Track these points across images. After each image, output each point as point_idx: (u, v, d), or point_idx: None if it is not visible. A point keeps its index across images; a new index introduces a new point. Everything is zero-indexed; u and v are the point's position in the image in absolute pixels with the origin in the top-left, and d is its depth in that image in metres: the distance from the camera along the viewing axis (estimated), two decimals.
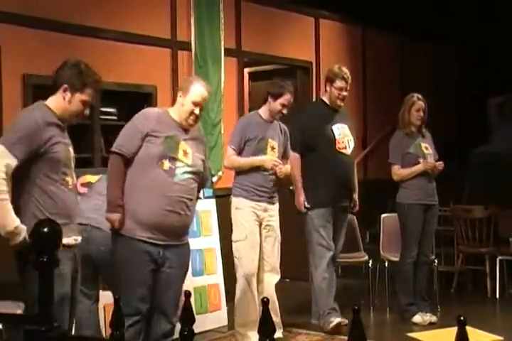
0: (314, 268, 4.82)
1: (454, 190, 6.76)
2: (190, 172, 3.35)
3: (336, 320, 4.60)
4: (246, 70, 6.87)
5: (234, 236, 4.42)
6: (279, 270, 4.49)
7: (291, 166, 4.71)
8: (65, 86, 2.95)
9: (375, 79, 7.49)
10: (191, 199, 3.37)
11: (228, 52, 5.88)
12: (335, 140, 4.78)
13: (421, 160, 5.12)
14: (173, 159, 3.30)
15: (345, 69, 4.90)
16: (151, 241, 3.27)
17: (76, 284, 3.00)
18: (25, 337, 1.39)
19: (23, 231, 2.75)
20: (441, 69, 8.38)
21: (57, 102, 2.97)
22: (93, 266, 3.68)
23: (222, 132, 5.81)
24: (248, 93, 7.14)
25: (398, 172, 5.14)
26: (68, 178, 2.94)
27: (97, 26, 4.89)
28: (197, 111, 3.40)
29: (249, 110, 7.14)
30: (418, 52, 8.20)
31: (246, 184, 4.40)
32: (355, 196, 4.95)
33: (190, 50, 5.56)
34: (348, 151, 4.85)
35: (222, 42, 5.79)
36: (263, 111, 4.53)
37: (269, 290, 4.43)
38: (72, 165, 3.03)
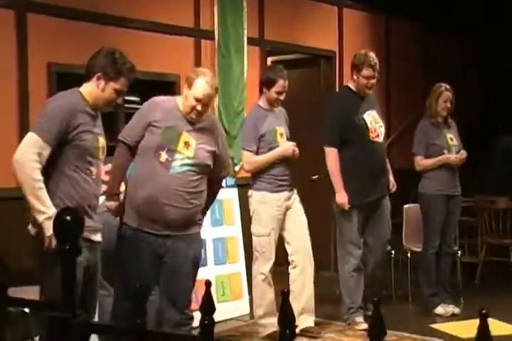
0: (341, 264, 4.75)
1: (478, 181, 6.70)
2: (190, 165, 3.27)
3: (363, 325, 4.54)
4: (269, 59, 6.84)
5: (256, 230, 4.38)
6: (311, 255, 4.44)
7: (329, 161, 4.64)
8: (99, 74, 2.94)
9: (399, 68, 7.42)
10: (192, 192, 3.28)
11: (251, 41, 5.86)
12: (368, 129, 4.64)
13: (445, 152, 5.07)
14: (172, 150, 3.24)
15: (372, 55, 4.70)
16: (150, 230, 3.25)
17: (96, 273, 3.00)
18: (49, 324, 1.41)
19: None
20: (466, 58, 8.27)
21: (91, 90, 2.96)
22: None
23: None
24: None
25: (421, 162, 5.10)
26: (93, 168, 2.94)
27: (122, 15, 4.90)
28: (199, 107, 3.29)
29: None
30: (442, 40, 8.10)
31: (268, 176, 4.34)
32: (391, 177, 4.84)
33: (213, 38, 5.55)
34: (381, 139, 4.72)
35: (245, 31, 5.77)
36: (262, 102, 4.46)
37: (306, 278, 4.42)
38: (101, 155, 3.01)
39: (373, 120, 4.70)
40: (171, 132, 3.26)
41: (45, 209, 2.75)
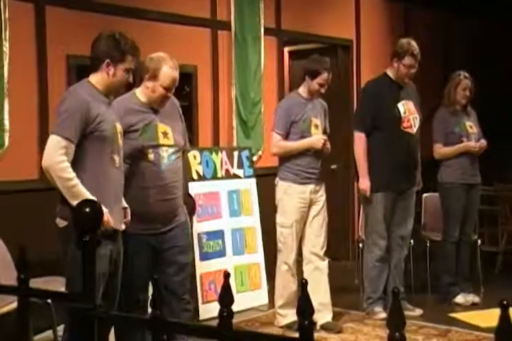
0: (366, 253, 4.75)
1: (498, 169, 6.64)
2: (175, 152, 3.32)
3: (381, 315, 4.54)
4: (286, 49, 6.82)
5: (280, 220, 4.36)
6: (323, 253, 4.42)
7: (356, 146, 4.61)
8: (107, 61, 2.94)
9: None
10: (179, 179, 3.36)
11: (268, 31, 5.84)
12: (400, 119, 4.58)
13: (464, 140, 5.04)
14: (156, 146, 3.25)
15: (415, 45, 4.62)
16: (147, 232, 3.27)
17: (119, 266, 3.03)
18: (69, 314, 1.43)
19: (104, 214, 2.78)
20: (487, 46, 8.18)
21: (102, 78, 2.96)
22: None
23: (263, 111, 5.80)
24: (288, 72, 7.09)
25: (440, 150, 5.06)
26: (115, 156, 2.95)
27: (139, 7, 4.90)
28: (169, 94, 3.30)
29: (290, 89, 7.12)
30: (462, 28, 8.01)
31: (295, 167, 4.30)
32: (419, 175, 4.81)
33: (230, 29, 5.54)
34: (414, 130, 4.64)
35: (262, 22, 5.75)
36: (302, 90, 4.42)
37: (322, 275, 4.39)
38: (120, 141, 3.02)
39: (407, 110, 4.64)
40: (148, 129, 3.26)
41: (72, 186, 2.78)
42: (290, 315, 4.33)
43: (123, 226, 3.05)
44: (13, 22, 4.15)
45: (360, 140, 4.61)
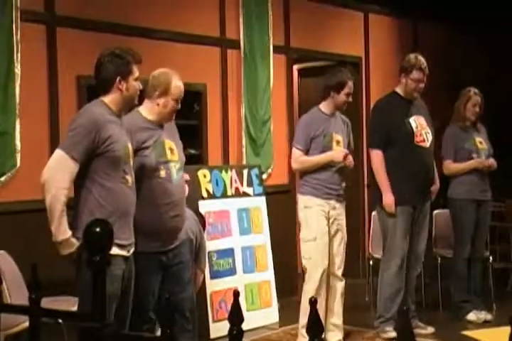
0: (382, 270, 4.68)
1: (509, 185, 6.61)
2: (180, 168, 3.35)
3: (391, 334, 4.47)
4: (295, 67, 6.86)
5: (303, 235, 4.31)
6: (341, 273, 4.38)
7: (374, 164, 4.60)
8: (118, 78, 2.96)
9: (428, 73, 7.37)
10: (184, 197, 3.40)
11: (277, 49, 5.88)
12: (413, 133, 4.57)
13: (474, 156, 5.03)
14: (166, 163, 3.27)
15: (422, 59, 4.65)
16: (159, 249, 3.27)
17: (130, 284, 3.02)
18: (80, 334, 1.43)
19: (72, 245, 2.80)
20: (497, 61, 8.19)
21: (115, 97, 2.98)
22: None
23: (272, 129, 5.82)
24: (297, 90, 7.12)
25: (450, 166, 5.06)
26: (128, 176, 2.95)
27: (148, 26, 4.96)
28: (179, 106, 3.37)
29: (299, 107, 7.15)
30: (472, 43, 8.03)
31: (315, 181, 4.27)
32: (434, 187, 4.76)
33: (239, 48, 5.59)
34: (427, 144, 4.63)
35: (271, 40, 5.80)
36: (324, 106, 4.40)
37: (336, 295, 4.35)
38: (131, 161, 3.03)
39: (419, 125, 4.64)
40: (158, 145, 3.28)
41: (55, 234, 2.81)
42: None
43: (131, 250, 3.03)
44: (25, 43, 4.21)
45: (377, 157, 4.60)
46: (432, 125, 4.77)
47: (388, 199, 4.54)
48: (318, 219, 4.23)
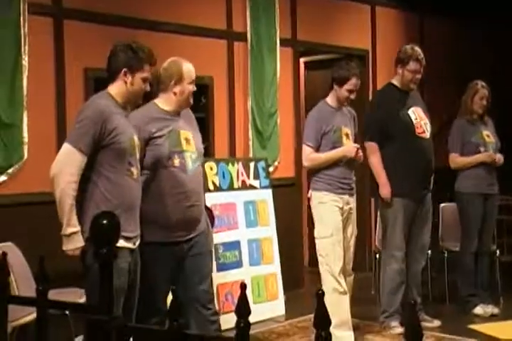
0: (383, 265, 4.69)
1: None
2: (197, 158, 3.32)
3: (398, 330, 4.46)
4: (301, 60, 6.84)
5: (318, 233, 4.21)
6: (350, 267, 4.32)
7: (370, 156, 4.58)
8: (124, 69, 2.96)
9: (434, 66, 7.34)
10: (201, 187, 3.37)
11: (283, 42, 5.87)
12: (413, 125, 4.55)
13: (482, 149, 5.01)
14: (180, 152, 3.25)
15: (418, 50, 4.61)
16: (172, 240, 3.24)
17: (136, 277, 3.02)
18: (87, 326, 1.44)
19: (77, 241, 2.81)
20: (504, 54, 8.14)
21: (120, 88, 2.98)
22: None
23: (278, 122, 5.82)
24: (304, 83, 7.11)
25: (456, 160, 5.04)
26: (133, 169, 2.95)
27: (155, 19, 4.95)
28: (194, 87, 3.36)
29: (306, 100, 7.13)
30: (478, 37, 7.98)
31: (328, 177, 4.21)
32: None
33: (246, 40, 5.57)
34: (427, 135, 4.61)
35: (278, 32, 5.78)
36: (331, 99, 4.34)
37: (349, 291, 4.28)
38: (137, 153, 3.03)
39: (418, 116, 4.62)
40: (172, 135, 3.26)
41: (65, 226, 2.82)
42: (346, 339, 4.12)
43: (138, 240, 3.04)
44: (32, 36, 4.21)
45: (372, 149, 4.59)
46: (429, 116, 4.76)
47: (385, 190, 4.52)
48: (334, 214, 4.17)
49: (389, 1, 7.02)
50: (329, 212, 4.18)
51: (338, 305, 4.06)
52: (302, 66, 7.02)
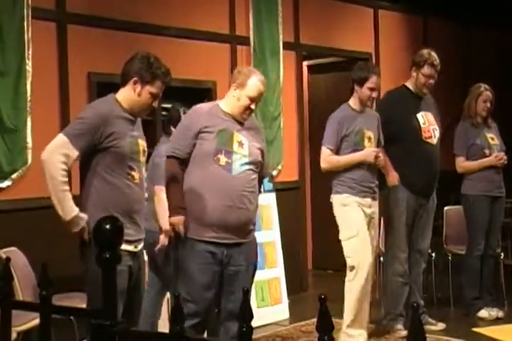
0: (386, 267, 4.67)
1: None
2: (248, 163, 3.26)
3: (402, 333, 4.45)
4: (305, 63, 6.85)
5: (343, 235, 4.14)
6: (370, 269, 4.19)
7: None
8: (135, 78, 2.94)
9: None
10: (253, 192, 3.28)
11: (286, 45, 5.87)
12: (420, 129, 4.54)
13: (487, 152, 5.00)
14: (229, 152, 3.23)
15: (435, 55, 4.60)
16: (215, 240, 3.19)
17: (140, 281, 3.01)
18: (91, 331, 1.44)
19: (82, 220, 2.81)
20: (507, 57, 8.14)
21: (127, 95, 2.97)
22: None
23: (282, 126, 5.82)
24: (307, 86, 7.12)
25: (463, 164, 5.03)
26: (134, 173, 2.93)
27: (158, 24, 4.97)
28: (253, 106, 3.31)
29: (309, 103, 7.14)
30: (482, 39, 7.98)
31: (349, 181, 4.16)
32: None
33: (249, 44, 5.58)
34: (434, 141, 4.59)
35: (281, 36, 5.79)
36: (353, 102, 4.29)
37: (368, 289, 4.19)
38: (141, 158, 3.01)
39: (427, 121, 4.60)
40: (224, 134, 3.25)
41: (63, 214, 2.81)
42: (360, 337, 4.12)
43: (141, 245, 3.03)
44: (36, 41, 4.23)
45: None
46: (440, 124, 4.74)
47: (391, 176, 4.47)
48: (358, 215, 4.12)
49: (392, 4, 7.02)
50: (353, 213, 4.13)
51: (361, 305, 4.10)
52: (305, 69, 7.03)
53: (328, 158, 4.20)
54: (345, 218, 4.15)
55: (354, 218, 4.13)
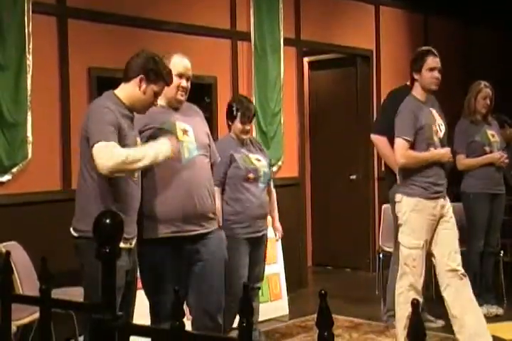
0: (393, 264, 4.59)
1: None
2: (197, 149, 3.21)
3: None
4: (305, 59, 6.84)
5: (407, 242, 3.87)
6: (463, 270, 3.95)
7: (378, 149, 4.55)
8: (142, 76, 2.94)
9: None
10: (208, 179, 3.23)
11: (287, 41, 5.87)
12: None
13: (487, 149, 5.00)
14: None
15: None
16: (176, 234, 3.12)
17: (134, 277, 3.02)
18: (91, 325, 1.44)
19: (166, 146, 2.92)
20: (508, 55, 8.13)
21: (132, 91, 2.95)
22: None
23: (282, 122, 5.81)
24: (308, 82, 7.11)
25: (463, 161, 5.02)
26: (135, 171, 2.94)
27: (159, 19, 4.96)
28: (184, 83, 3.25)
29: (309, 99, 7.14)
30: (482, 38, 7.97)
31: (424, 180, 3.86)
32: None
33: (250, 40, 5.57)
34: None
35: (282, 32, 5.78)
36: (416, 92, 4.00)
37: (463, 298, 3.90)
38: None
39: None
40: (166, 127, 3.19)
41: (161, 156, 2.89)
42: None
43: (133, 243, 3.01)
44: (36, 35, 4.22)
45: (381, 141, 4.55)
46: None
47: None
48: (428, 225, 3.85)
49: (393, 0, 7.01)
50: (423, 221, 3.84)
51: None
52: (306, 66, 7.02)
53: (406, 153, 3.86)
54: (413, 225, 3.86)
55: (424, 230, 3.84)
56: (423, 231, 3.84)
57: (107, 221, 1.43)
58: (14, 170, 4.14)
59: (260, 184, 4.09)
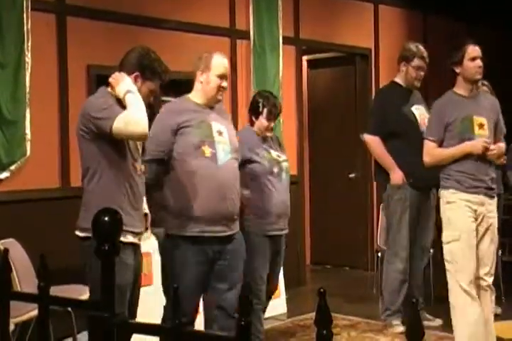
0: (387, 263, 4.65)
1: None
2: (230, 152, 3.24)
3: (399, 328, 4.45)
4: (304, 58, 6.84)
5: (445, 237, 3.73)
6: (491, 281, 3.79)
7: (372, 149, 4.55)
8: (137, 73, 2.92)
9: (437, 65, 7.32)
10: (237, 180, 3.27)
11: (286, 40, 5.86)
12: (417, 122, 4.53)
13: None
14: (212, 143, 3.18)
15: (422, 48, 4.63)
16: (204, 234, 3.15)
17: (138, 275, 3.00)
18: (89, 323, 1.44)
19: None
20: (507, 55, 8.13)
21: None
22: None
23: (281, 121, 5.80)
24: (307, 81, 7.11)
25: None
26: (137, 164, 2.94)
27: (158, 17, 4.95)
28: (224, 83, 3.28)
29: (308, 98, 7.13)
30: (482, 37, 7.95)
31: (456, 173, 3.73)
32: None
33: (249, 38, 5.57)
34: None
35: (281, 31, 5.78)
36: (457, 87, 3.87)
37: (487, 307, 3.77)
38: (140, 150, 3.00)
39: (421, 114, 4.60)
40: (203, 126, 3.21)
41: (135, 103, 2.81)
42: None
43: (140, 239, 3.01)
44: (35, 33, 4.21)
45: (374, 141, 4.59)
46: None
47: (395, 174, 4.47)
48: (464, 215, 3.66)
49: None
50: (458, 212, 3.68)
51: (469, 319, 3.67)
52: (305, 64, 7.01)
53: (430, 151, 3.82)
54: (449, 218, 3.72)
55: (458, 219, 3.66)
56: (459, 223, 3.66)
57: (106, 218, 1.43)
58: (13, 167, 4.14)
59: (283, 180, 3.93)
